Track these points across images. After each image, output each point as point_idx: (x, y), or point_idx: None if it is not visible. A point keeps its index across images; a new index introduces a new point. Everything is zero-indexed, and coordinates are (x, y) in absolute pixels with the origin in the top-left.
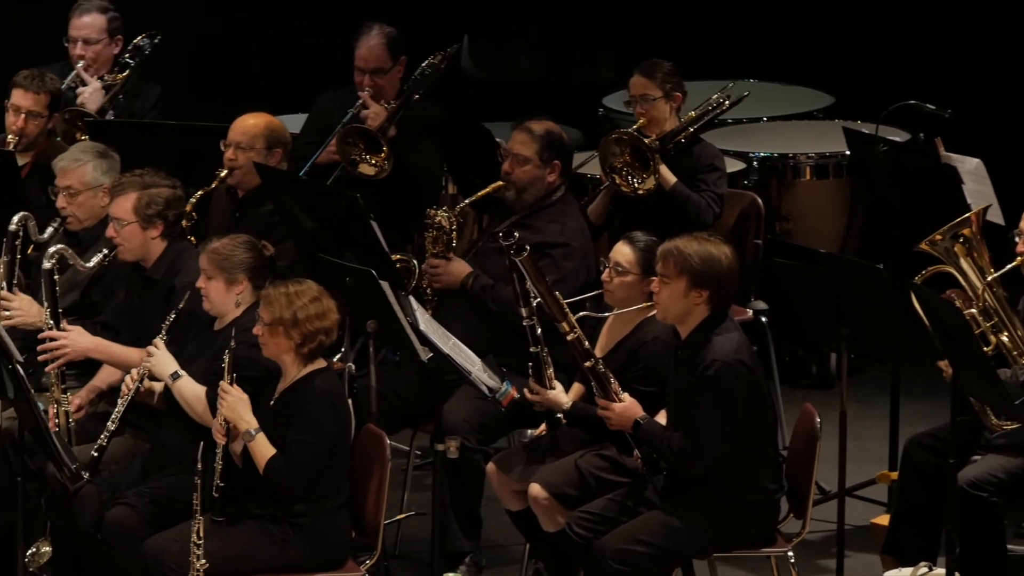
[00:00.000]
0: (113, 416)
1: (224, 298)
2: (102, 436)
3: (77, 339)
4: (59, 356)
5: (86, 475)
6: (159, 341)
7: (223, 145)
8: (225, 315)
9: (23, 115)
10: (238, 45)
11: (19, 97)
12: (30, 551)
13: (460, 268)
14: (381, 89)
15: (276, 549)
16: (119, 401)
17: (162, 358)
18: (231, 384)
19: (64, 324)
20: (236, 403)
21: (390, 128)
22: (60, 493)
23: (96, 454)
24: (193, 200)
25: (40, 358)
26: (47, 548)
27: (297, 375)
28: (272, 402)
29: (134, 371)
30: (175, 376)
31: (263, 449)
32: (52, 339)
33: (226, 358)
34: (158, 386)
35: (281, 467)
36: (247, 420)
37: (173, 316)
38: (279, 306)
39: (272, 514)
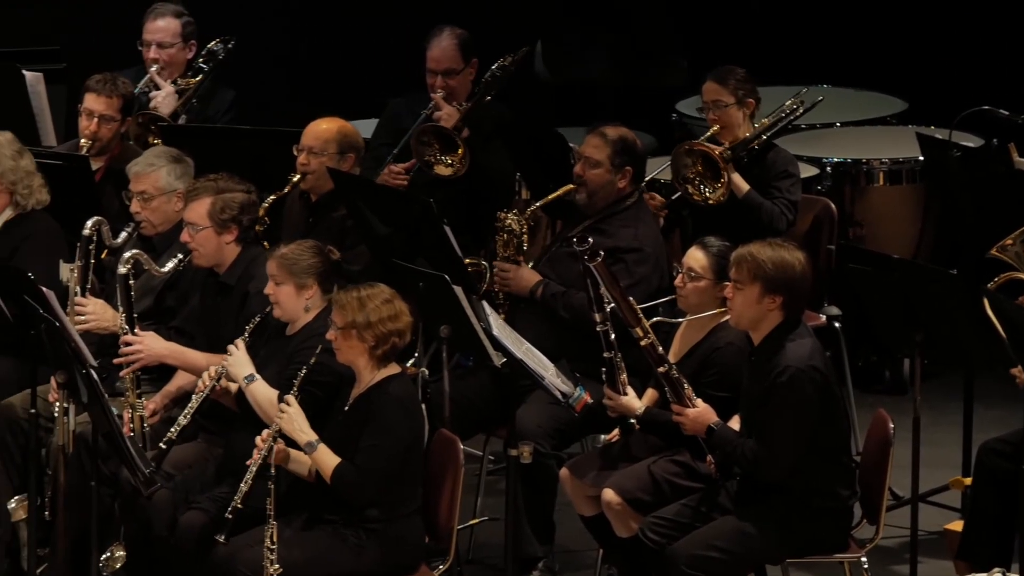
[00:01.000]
0: (186, 411)
1: (294, 303)
2: (171, 430)
3: (152, 344)
4: (134, 361)
5: (159, 480)
6: (240, 342)
7: (296, 150)
8: (296, 321)
9: (96, 119)
10: (311, 49)
11: (92, 101)
12: (104, 556)
13: (529, 276)
14: (453, 90)
15: (350, 554)
16: (193, 397)
17: (240, 359)
18: (297, 396)
19: (138, 329)
20: (294, 417)
21: (463, 129)
22: (134, 498)
23: (164, 446)
24: (266, 205)
25: (116, 362)
26: (121, 552)
27: (371, 380)
28: (347, 408)
29: (212, 369)
30: (250, 379)
31: (327, 459)
32: (128, 344)
33: (302, 372)
34: (233, 386)
35: (350, 473)
36: (306, 432)
37: (257, 320)
38: (351, 309)
39: (346, 519)
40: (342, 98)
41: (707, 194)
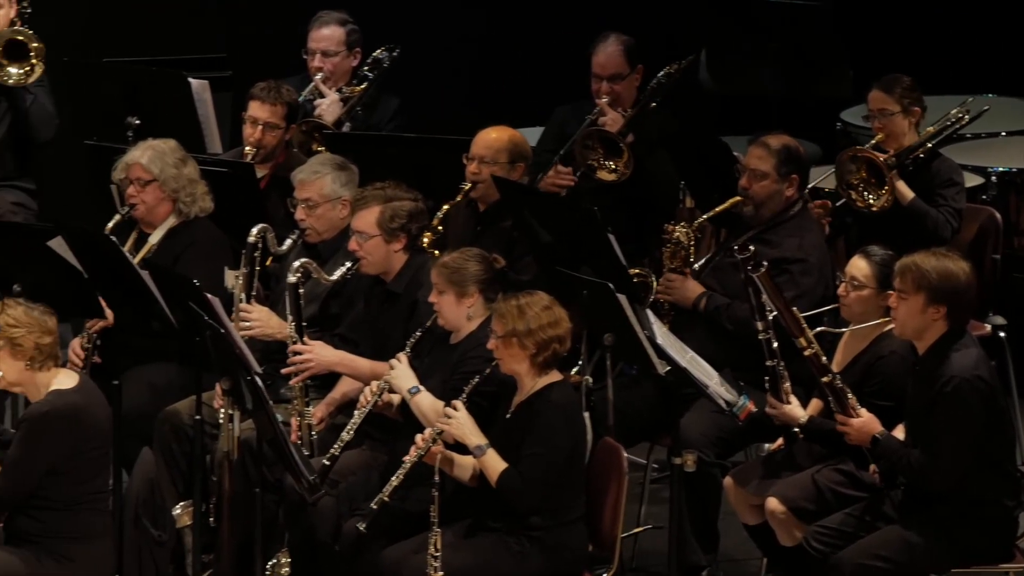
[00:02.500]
0: (348, 427)
1: (456, 312)
2: (335, 446)
3: (321, 352)
4: (304, 369)
5: (323, 487)
6: (402, 356)
7: (466, 159)
8: (460, 329)
9: (260, 127)
10: (476, 57)
11: (256, 109)
12: (270, 563)
13: (693, 288)
14: (618, 96)
15: (513, 561)
16: (356, 412)
17: (402, 372)
18: (466, 402)
19: (307, 338)
20: (462, 422)
21: (627, 135)
22: (298, 504)
23: (327, 463)
24: (440, 214)
25: (284, 371)
26: (286, 559)
27: (533, 387)
28: (508, 415)
29: (373, 384)
30: (413, 391)
31: (494, 463)
32: (297, 352)
33: (475, 380)
34: (395, 398)
35: (514, 480)
36: (476, 436)
37: (419, 334)
38: (511, 318)
39: (509, 526)
40: (508, 106)
41: (871, 201)
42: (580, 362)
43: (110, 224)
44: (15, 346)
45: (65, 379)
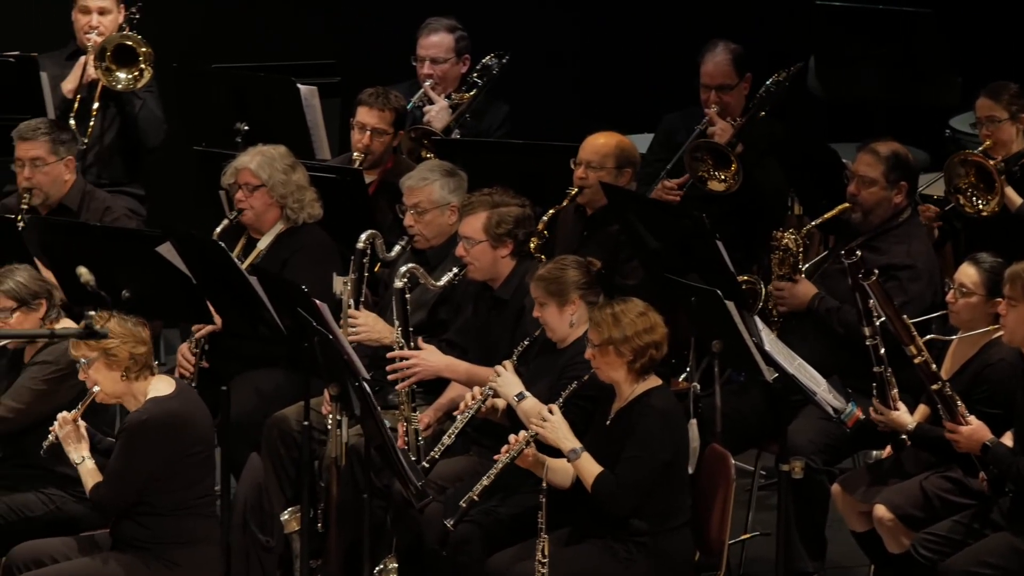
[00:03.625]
0: (450, 432)
1: (559, 322)
2: (435, 449)
3: (429, 358)
4: (411, 375)
5: (431, 493)
6: (508, 363)
7: (573, 164)
8: (567, 338)
9: (368, 132)
10: (585, 64)
11: (364, 115)
12: (377, 568)
13: (806, 289)
14: (727, 106)
15: (620, 567)
16: (458, 417)
17: (508, 379)
18: (561, 406)
19: (419, 342)
20: (557, 426)
21: (737, 144)
22: (406, 510)
23: (427, 465)
24: (545, 219)
25: (391, 377)
26: (394, 565)
27: (632, 394)
28: (608, 422)
29: (476, 390)
30: (520, 397)
31: (589, 467)
32: (404, 358)
33: (572, 385)
34: (500, 403)
35: (609, 484)
36: (570, 440)
37: (527, 343)
38: (606, 326)
39: (615, 533)
40: (617, 112)
41: (980, 206)
42: (688, 369)
43: (218, 229)
44: (110, 357)
45: (162, 386)
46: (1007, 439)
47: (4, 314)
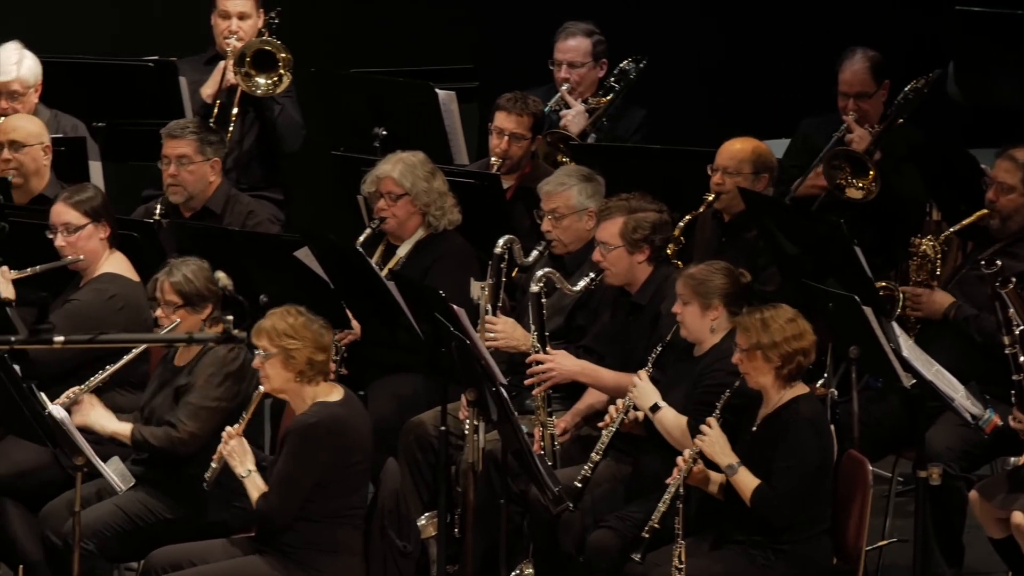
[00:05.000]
0: (597, 448)
1: (699, 324)
2: (586, 467)
3: (563, 362)
4: (546, 379)
5: (570, 503)
6: (643, 373)
7: (710, 169)
8: (702, 342)
9: (506, 137)
10: (723, 69)
11: (502, 119)
12: (513, 573)
13: (942, 298)
14: (865, 113)
15: (758, 573)
16: (604, 433)
17: (644, 389)
18: (719, 420)
19: (550, 348)
20: (716, 440)
21: (875, 152)
22: (543, 516)
23: (579, 484)
24: (681, 225)
25: (527, 381)
26: (530, 570)
27: (779, 400)
28: (755, 428)
29: (619, 402)
30: (655, 408)
31: (747, 480)
32: (539, 362)
33: (725, 394)
34: (639, 413)
35: (768, 495)
36: (727, 455)
37: (660, 349)
38: (755, 331)
39: (754, 539)
40: (755, 117)
41: None
42: (825, 374)
43: (360, 238)
44: (289, 357)
45: (330, 392)
46: None
47: (169, 308)
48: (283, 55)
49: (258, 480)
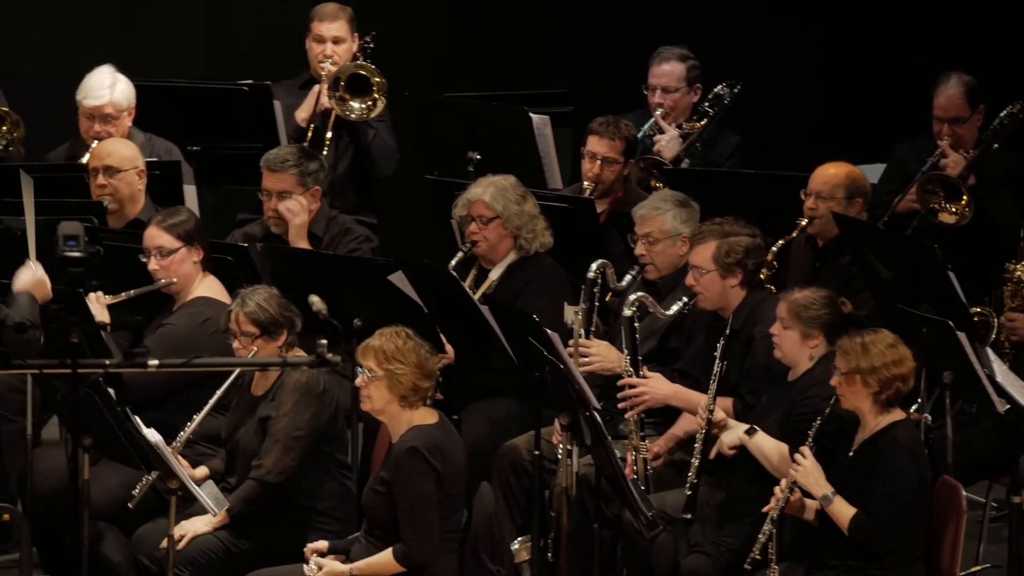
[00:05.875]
0: (691, 475)
1: (797, 349)
2: (687, 491)
3: (656, 386)
4: (639, 403)
5: (661, 523)
6: (724, 407)
7: (803, 194)
8: (796, 366)
9: (599, 162)
10: (817, 94)
11: (594, 143)
12: None
13: None
14: (960, 138)
15: None
16: (693, 461)
17: (734, 427)
18: (812, 448)
19: (644, 371)
20: (811, 470)
21: (969, 177)
22: (636, 540)
23: (689, 517)
24: (774, 249)
25: (620, 405)
26: None
27: (876, 426)
28: (851, 453)
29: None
30: (750, 432)
31: (843, 510)
32: (632, 386)
33: (817, 422)
34: (730, 438)
35: (866, 524)
36: (822, 485)
37: (722, 366)
38: (855, 355)
39: (849, 564)
40: (849, 143)
41: None
42: (919, 400)
43: (452, 262)
44: (394, 381)
45: (427, 415)
46: None
47: (246, 339)
48: (377, 79)
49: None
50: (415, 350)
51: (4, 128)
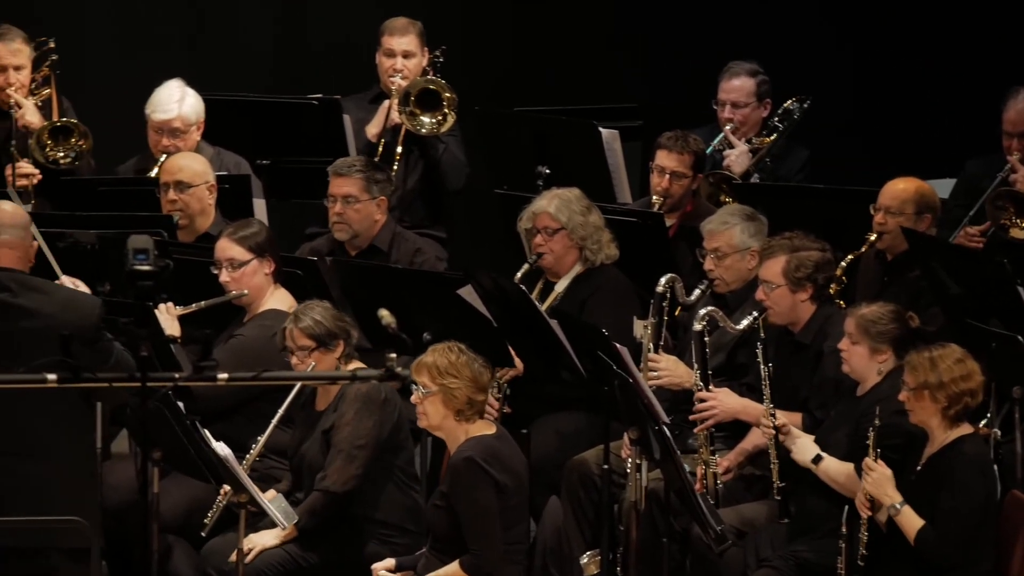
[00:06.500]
0: (775, 478)
1: (865, 364)
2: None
3: (726, 401)
4: (708, 418)
5: (731, 537)
6: (794, 429)
7: (873, 209)
8: (865, 381)
9: (667, 176)
10: (887, 109)
11: (663, 158)
12: None
13: None
14: None
15: None
16: (772, 466)
17: (804, 445)
18: (876, 460)
19: (712, 386)
20: (880, 480)
21: None
22: (705, 554)
23: (785, 520)
24: (843, 264)
25: (690, 418)
26: None
27: (944, 440)
28: (919, 467)
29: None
30: (817, 459)
31: (911, 521)
32: (701, 400)
33: (871, 434)
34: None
35: (932, 537)
36: (891, 495)
37: (768, 368)
38: (923, 370)
39: None
40: (919, 158)
41: None
42: (988, 415)
43: (518, 274)
44: (450, 396)
45: (484, 428)
46: None
47: (303, 353)
48: (448, 95)
49: None
50: (468, 364)
51: (73, 140)
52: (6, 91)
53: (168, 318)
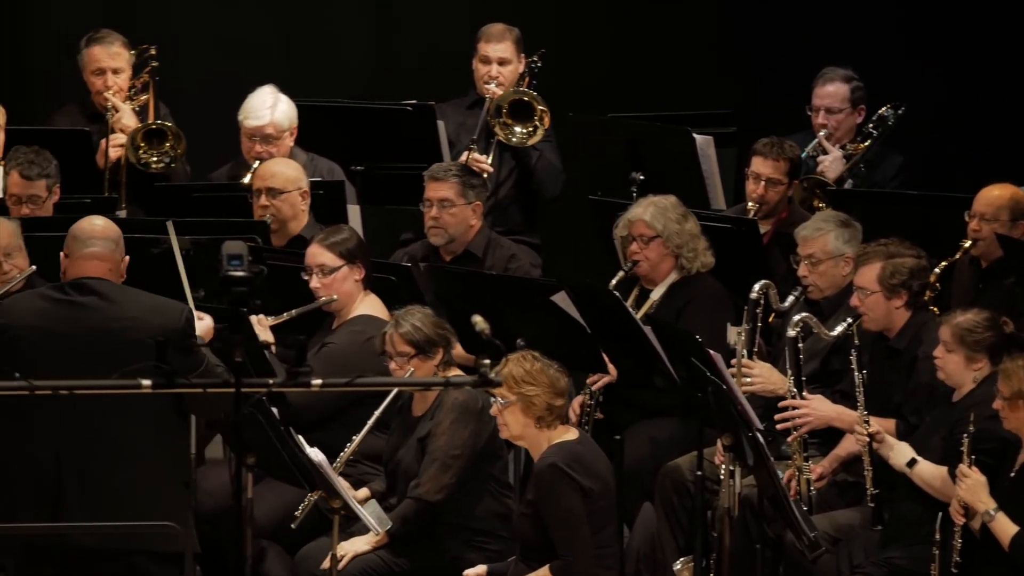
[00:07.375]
0: (868, 485)
1: (961, 372)
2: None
3: (820, 407)
4: (801, 424)
5: (824, 544)
6: (886, 430)
7: (967, 216)
8: (961, 388)
9: (763, 182)
10: (982, 116)
11: (758, 164)
12: None
13: None
14: None
15: None
16: (866, 472)
17: (900, 449)
18: (970, 467)
19: (806, 393)
20: (974, 486)
21: None
22: (799, 561)
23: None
24: (937, 271)
25: (781, 426)
26: None
27: None
28: (1013, 473)
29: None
30: (912, 463)
31: (1005, 528)
32: (795, 407)
33: (964, 440)
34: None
35: None
36: (985, 502)
37: (863, 375)
38: (1017, 379)
39: None
40: (1015, 164)
41: None
42: None
43: (613, 281)
44: (528, 404)
45: (566, 433)
46: None
47: (402, 359)
48: (540, 107)
49: None
50: (544, 370)
51: (168, 144)
52: (104, 94)
53: (261, 329)
